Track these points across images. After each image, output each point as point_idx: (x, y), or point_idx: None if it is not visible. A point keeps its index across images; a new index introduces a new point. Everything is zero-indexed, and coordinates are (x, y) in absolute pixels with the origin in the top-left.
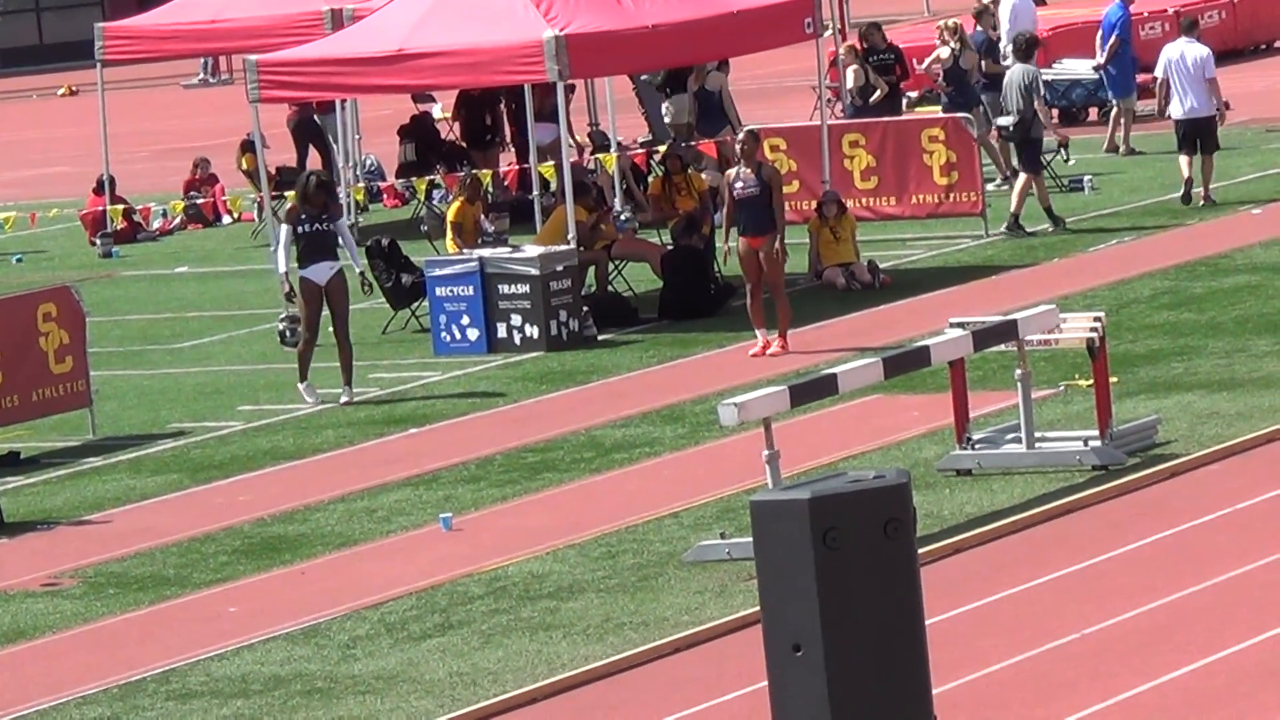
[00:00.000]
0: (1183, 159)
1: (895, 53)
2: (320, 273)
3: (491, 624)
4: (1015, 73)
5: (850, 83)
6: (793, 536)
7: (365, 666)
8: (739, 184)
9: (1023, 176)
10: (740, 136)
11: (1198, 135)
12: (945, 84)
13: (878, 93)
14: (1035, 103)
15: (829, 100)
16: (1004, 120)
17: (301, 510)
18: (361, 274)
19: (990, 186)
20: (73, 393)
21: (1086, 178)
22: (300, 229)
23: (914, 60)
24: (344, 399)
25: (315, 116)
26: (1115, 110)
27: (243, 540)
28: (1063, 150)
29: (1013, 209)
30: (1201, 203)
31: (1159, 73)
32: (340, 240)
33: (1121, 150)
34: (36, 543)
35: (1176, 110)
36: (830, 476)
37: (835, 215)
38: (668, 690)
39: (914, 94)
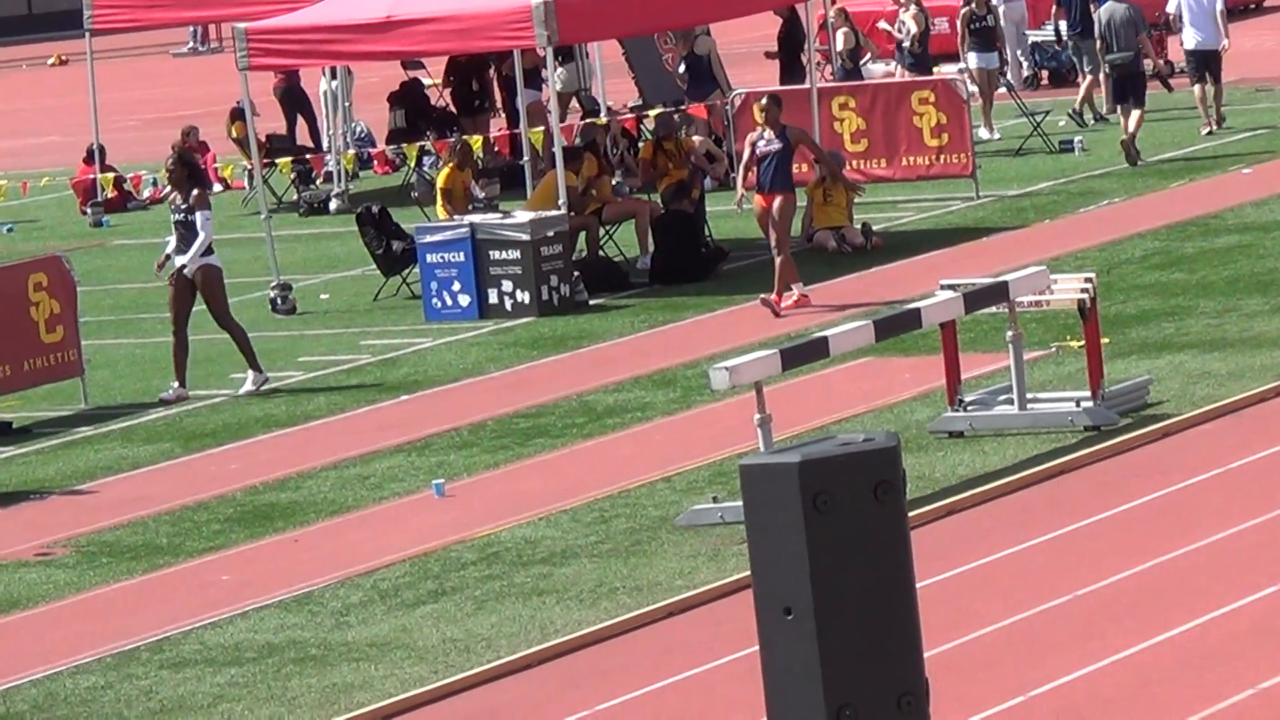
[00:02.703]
0: (1196, 90)
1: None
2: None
3: (484, 590)
4: (1117, 11)
5: (840, 45)
6: (782, 500)
7: (358, 634)
8: (760, 141)
9: (1136, 111)
10: (763, 103)
11: (1206, 64)
12: (915, 47)
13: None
14: (1140, 37)
15: (818, 63)
16: (1114, 57)
17: (294, 478)
18: (181, 267)
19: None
20: (64, 362)
21: (1077, 139)
22: (173, 216)
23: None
24: (247, 387)
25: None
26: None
27: (235, 508)
28: (1166, 82)
29: (1127, 138)
30: (1216, 128)
31: (1170, 8)
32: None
33: (1104, 111)
34: (29, 512)
35: (1189, 41)
36: (820, 440)
37: (830, 180)
38: (661, 654)
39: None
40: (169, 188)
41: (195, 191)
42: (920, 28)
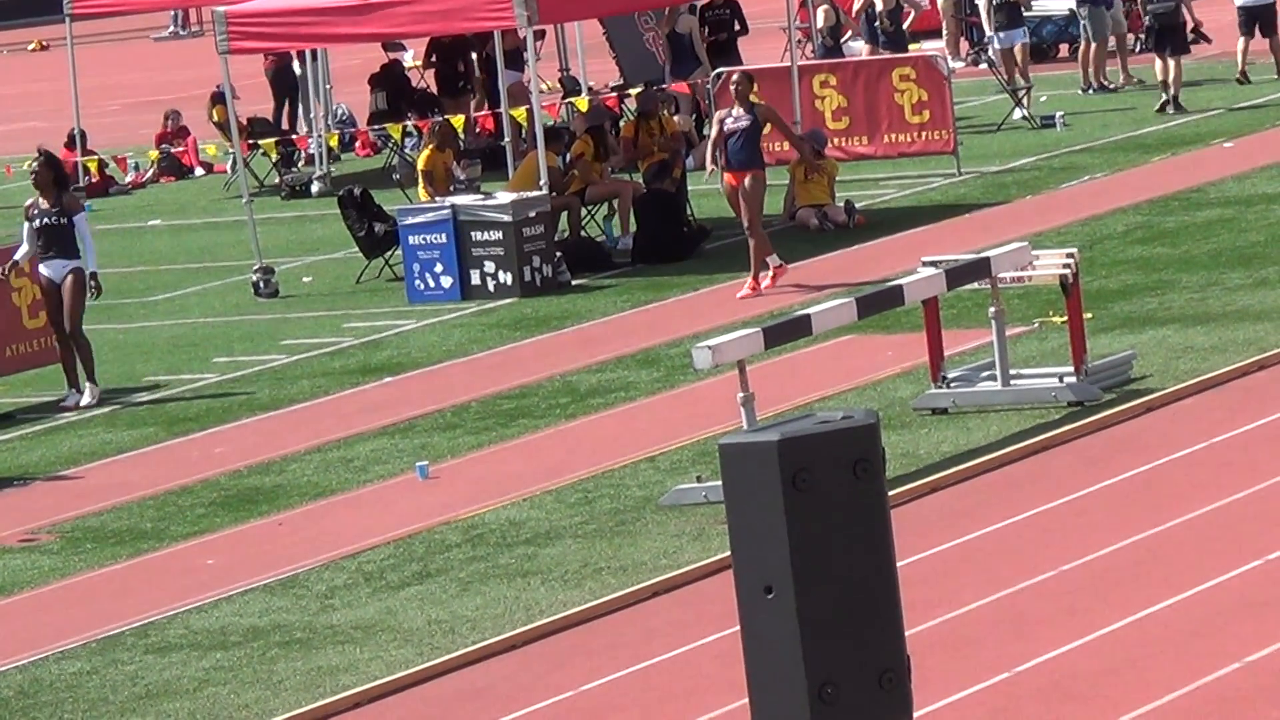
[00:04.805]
0: (1241, 41)
1: (732, 7)
2: (55, 269)
3: (469, 571)
4: None
5: (820, 23)
6: (762, 479)
7: (344, 616)
8: (729, 119)
9: (1173, 62)
10: (735, 79)
11: (1258, 19)
12: (886, 24)
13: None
14: None
15: (799, 41)
16: (1156, 7)
17: (278, 461)
18: (93, 275)
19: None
20: (47, 348)
21: (1058, 114)
22: (35, 222)
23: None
24: (83, 399)
25: (294, 66)
26: (1090, 47)
27: (219, 492)
28: (1203, 37)
29: (1172, 93)
30: (1237, 79)
31: None
32: (78, 237)
33: (1109, 82)
34: (13, 498)
35: None
36: (799, 418)
37: (812, 157)
38: (646, 634)
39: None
40: (39, 192)
41: (66, 195)
42: (889, 5)
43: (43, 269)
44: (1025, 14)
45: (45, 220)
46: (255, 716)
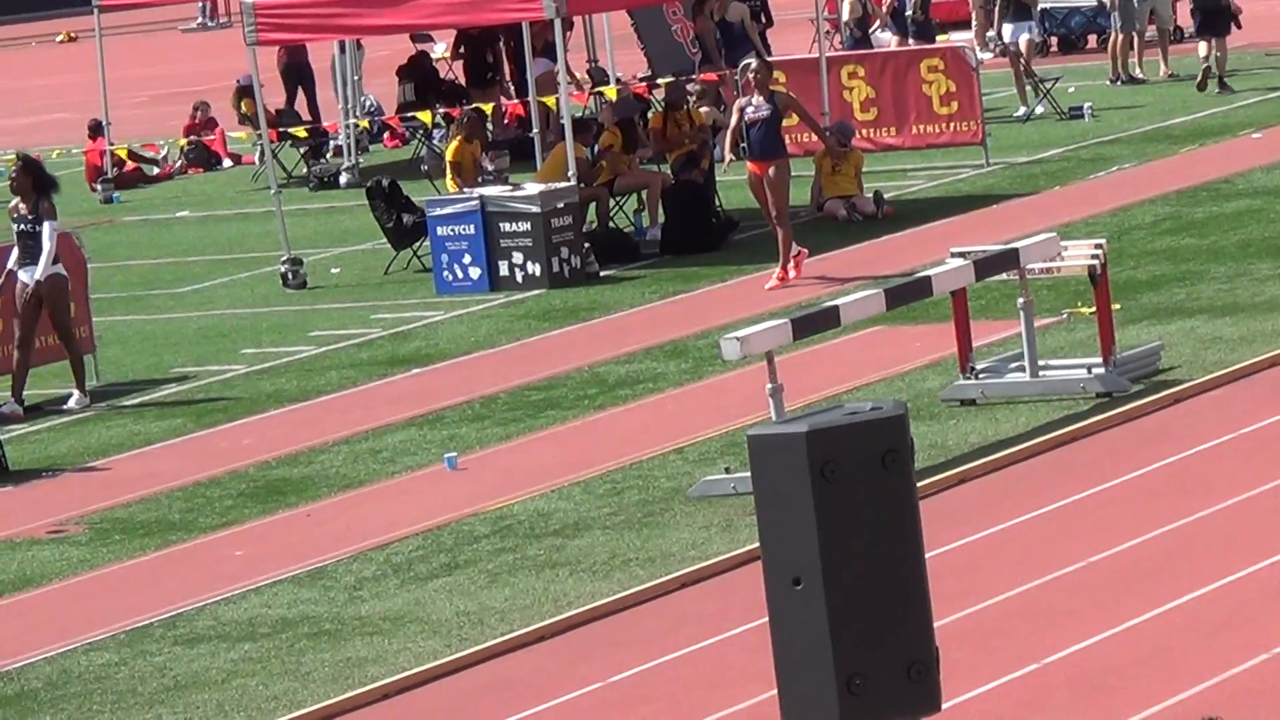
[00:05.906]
0: None
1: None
2: (29, 275)
3: (498, 563)
4: None
5: (847, 14)
6: (791, 470)
7: (372, 608)
8: (750, 108)
9: (1216, 41)
10: (753, 66)
11: None
12: (917, 14)
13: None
14: None
15: (827, 32)
16: None
17: (306, 452)
18: (37, 283)
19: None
20: (76, 339)
21: (1087, 105)
22: (14, 227)
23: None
24: (72, 403)
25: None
26: (1119, 38)
27: (247, 484)
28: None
29: (1215, 73)
30: None
31: None
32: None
33: (1140, 73)
34: (42, 490)
35: None
36: (828, 409)
37: (836, 146)
38: (674, 625)
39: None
40: (17, 196)
41: (44, 202)
42: None
43: (20, 274)
44: (1051, 5)
45: (20, 226)
46: (284, 708)
